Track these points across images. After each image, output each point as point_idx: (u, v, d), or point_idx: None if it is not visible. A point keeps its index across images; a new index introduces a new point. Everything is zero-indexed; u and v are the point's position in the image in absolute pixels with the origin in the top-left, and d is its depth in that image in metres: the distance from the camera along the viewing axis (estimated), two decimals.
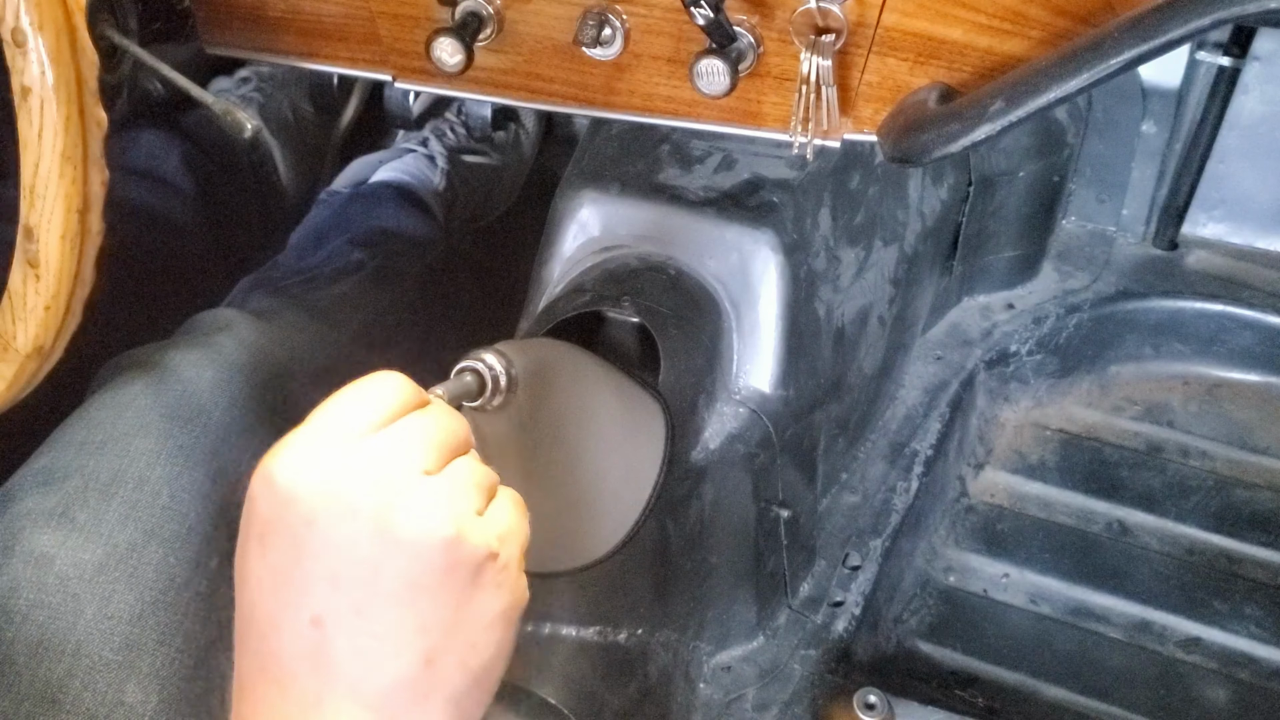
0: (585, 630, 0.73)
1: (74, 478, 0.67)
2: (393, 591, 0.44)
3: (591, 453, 0.66)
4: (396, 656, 0.44)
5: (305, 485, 0.44)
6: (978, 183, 1.07)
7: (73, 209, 0.54)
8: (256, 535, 0.45)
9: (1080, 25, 0.61)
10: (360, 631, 0.44)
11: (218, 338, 0.78)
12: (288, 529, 0.44)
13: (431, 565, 0.44)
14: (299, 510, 0.44)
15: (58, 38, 0.51)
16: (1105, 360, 1.14)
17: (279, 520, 0.44)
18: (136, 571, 0.65)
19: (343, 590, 0.44)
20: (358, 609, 0.44)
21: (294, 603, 0.44)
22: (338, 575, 0.44)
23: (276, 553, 0.44)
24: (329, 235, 1.08)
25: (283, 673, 0.44)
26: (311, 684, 0.44)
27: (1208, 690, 0.92)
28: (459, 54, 0.67)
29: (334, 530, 0.44)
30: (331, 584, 0.44)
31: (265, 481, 0.45)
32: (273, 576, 0.44)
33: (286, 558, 0.44)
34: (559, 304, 0.80)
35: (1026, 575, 0.99)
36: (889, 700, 0.76)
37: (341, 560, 0.44)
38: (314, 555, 0.44)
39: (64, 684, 0.61)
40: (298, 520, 0.44)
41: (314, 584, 0.44)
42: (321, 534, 0.44)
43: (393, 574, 0.44)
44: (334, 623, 0.44)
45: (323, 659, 0.44)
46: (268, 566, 0.44)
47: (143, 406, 0.71)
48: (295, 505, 0.44)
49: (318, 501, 0.44)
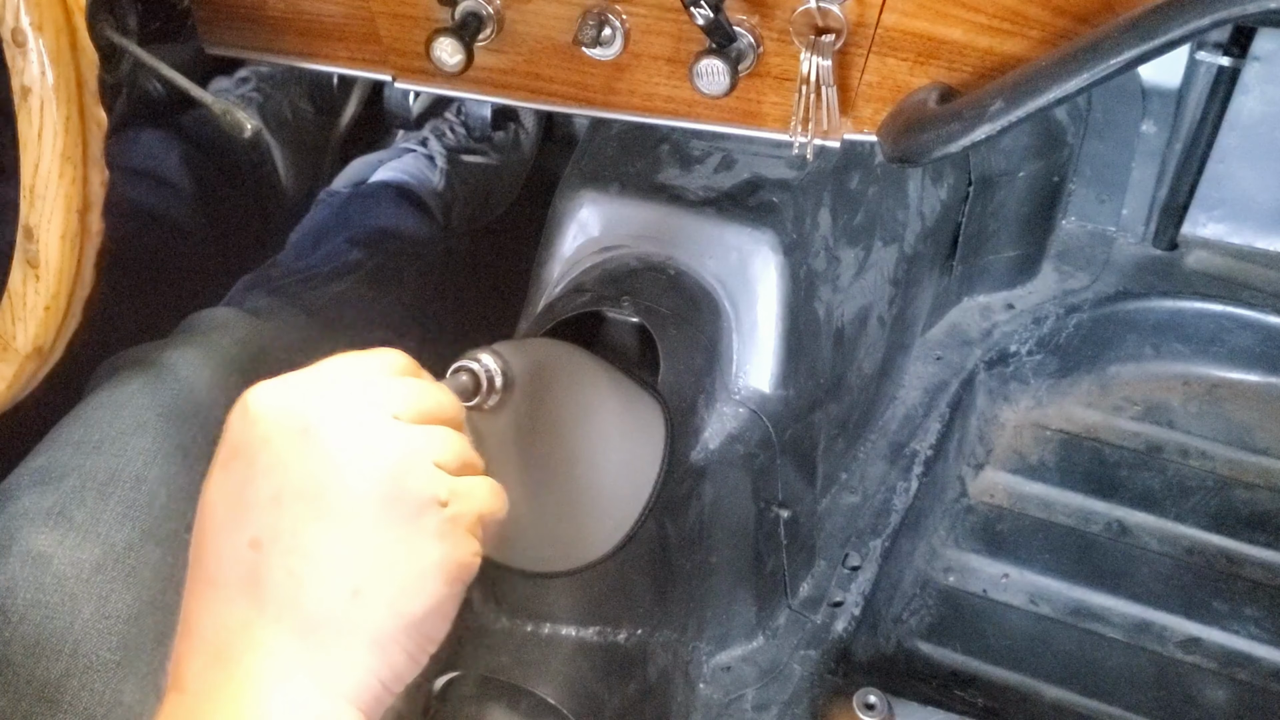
0: (585, 630, 0.73)
1: (71, 477, 0.67)
2: (330, 513, 0.44)
3: (591, 453, 0.66)
4: (323, 582, 0.44)
5: (271, 409, 0.45)
6: (977, 183, 1.07)
7: (73, 209, 0.54)
8: (221, 460, 0.46)
9: (1080, 25, 0.61)
10: (293, 551, 0.44)
11: (215, 336, 0.78)
12: (245, 448, 0.45)
13: (371, 493, 0.44)
14: (259, 430, 0.45)
15: (58, 38, 0.51)
16: (1105, 360, 1.14)
17: (241, 442, 0.45)
18: (134, 571, 0.65)
19: (284, 508, 0.44)
20: (294, 530, 0.44)
21: (238, 523, 0.44)
22: (281, 493, 0.44)
23: (232, 474, 0.45)
24: (328, 235, 1.08)
25: (217, 598, 0.44)
26: (243, 607, 0.44)
27: (1207, 690, 0.92)
28: (459, 54, 0.67)
29: (286, 448, 0.44)
30: (274, 503, 0.44)
31: (240, 408, 0.46)
32: (224, 497, 0.45)
33: (240, 477, 0.45)
34: (559, 304, 0.80)
35: (1026, 575, 0.99)
36: (889, 700, 0.76)
37: (288, 478, 0.44)
38: (264, 473, 0.44)
39: (61, 683, 0.61)
40: (255, 439, 0.45)
41: (259, 504, 0.44)
42: (273, 452, 0.44)
43: (333, 496, 0.44)
44: (270, 543, 0.44)
45: (256, 581, 0.44)
46: (222, 488, 0.45)
47: (140, 405, 0.71)
48: (257, 426, 0.45)
49: (277, 422, 0.45)
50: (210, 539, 0.45)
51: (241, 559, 0.44)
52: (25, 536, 0.64)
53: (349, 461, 0.44)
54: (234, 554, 0.44)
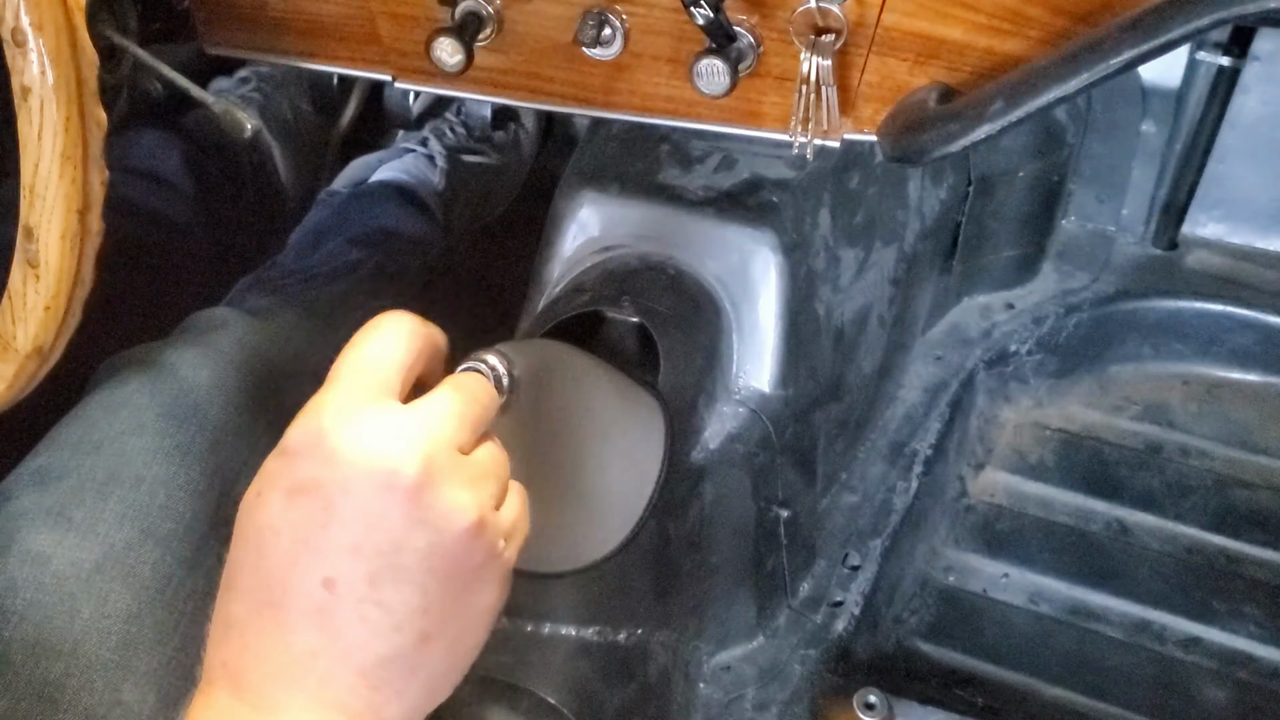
0: (585, 630, 0.73)
1: (70, 477, 0.67)
2: (409, 568, 0.45)
3: (592, 453, 0.66)
4: (397, 630, 0.45)
5: (348, 452, 0.45)
6: (977, 183, 1.07)
7: (73, 209, 0.54)
8: (286, 487, 0.45)
9: (1080, 25, 0.61)
10: (369, 600, 0.45)
11: (214, 336, 0.78)
12: (322, 491, 0.45)
13: (450, 551, 0.46)
14: (338, 475, 0.45)
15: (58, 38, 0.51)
16: (1105, 360, 1.14)
17: (315, 480, 0.45)
18: (133, 571, 0.65)
19: (363, 559, 0.45)
20: (373, 579, 0.45)
21: (311, 560, 0.45)
22: (361, 545, 0.45)
23: (303, 511, 0.45)
24: (328, 235, 1.08)
25: (282, 625, 0.45)
26: (310, 638, 0.45)
27: (1208, 690, 0.92)
28: (459, 54, 0.67)
29: (369, 503, 0.45)
30: (353, 551, 0.45)
31: (309, 437, 0.45)
32: (294, 532, 0.45)
33: (314, 519, 0.45)
34: (559, 304, 0.80)
35: (1026, 575, 0.99)
36: (889, 700, 0.76)
37: (370, 533, 0.45)
38: (342, 523, 0.45)
39: (61, 683, 0.61)
40: (334, 486, 0.45)
41: (336, 549, 0.45)
42: (356, 504, 0.45)
43: (413, 552, 0.45)
44: (346, 588, 0.45)
45: (328, 619, 0.45)
46: (291, 522, 0.45)
47: (139, 405, 0.71)
48: (335, 469, 0.45)
49: (359, 472, 0.45)
50: (275, 564, 0.45)
51: (313, 595, 0.45)
52: (24, 536, 0.64)
53: (430, 524, 0.45)
54: (305, 588, 0.45)
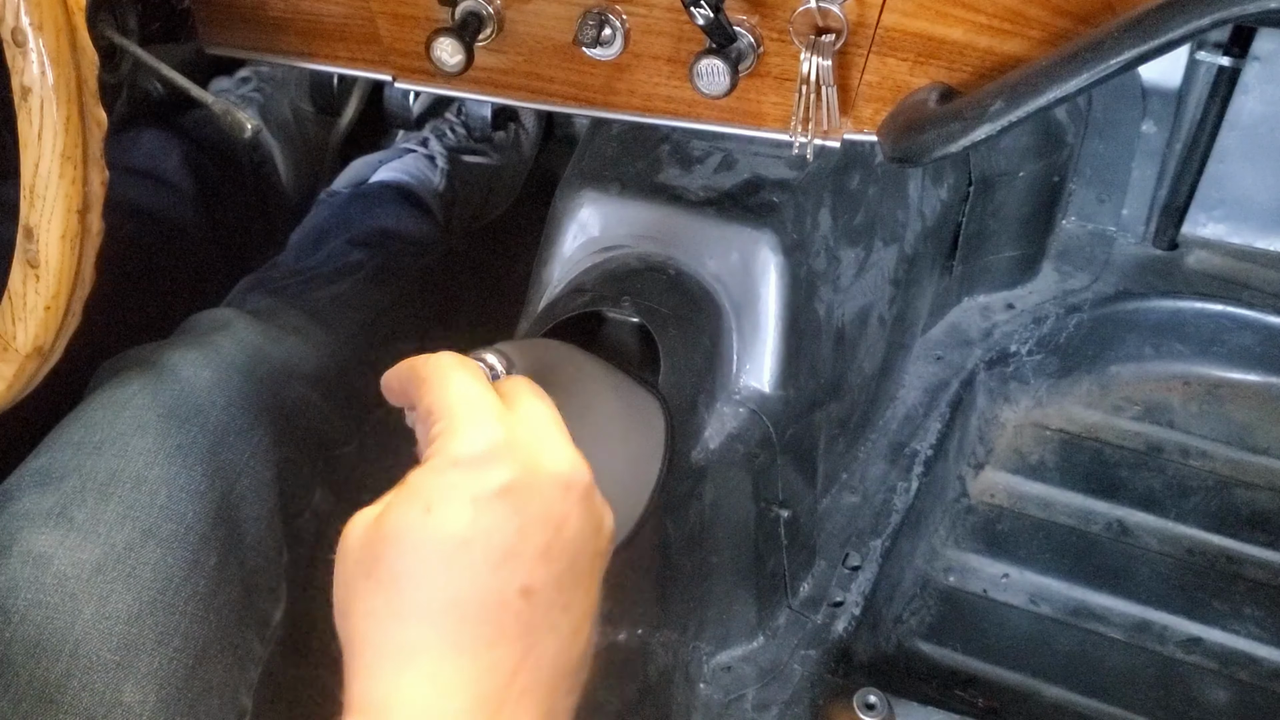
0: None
1: (71, 478, 0.67)
2: (584, 571, 0.46)
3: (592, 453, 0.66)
4: (576, 636, 0.46)
5: (535, 456, 0.46)
6: (978, 183, 1.07)
7: (73, 209, 0.54)
8: (474, 496, 0.45)
9: (1080, 25, 0.60)
10: (558, 605, 0.45)
11: (215, 337, 0.78)
12: (513, 496, 0.45)
13: (604, 553, 0.47)
14: (527, 480, 0.45)
15: (58, 38, 0.51)
16: (1105, 360, 1.14)
17: (506, 486, 0.45)
18: (134, 571, 0.65)
19: (552, 563, 0.45)
20: (561, 585, 0.45)
21: (512, 572, 0.44)
22: (550, 548, 0.45)
23: (496, 518, 0.45)
24: (328, 235, 1.08)
25: (486, 642, 0.44)
26: (514, 656, 0.44)
27: (1208, 690, 0.92)
28: (459, 54, 0.67)
29: (554, 505, 0.45)
30: (545, 556, 0.45)
31: (497, 446, 0.46)
32: (488, 541, 0.44)
33: (508, 525, 0.45)
34: (559, 304, 0.80)
35: (1026, 575, 0.99)
36: (889, 700, 0.76)
37: (556, 534, 0.45)
38: (536, 526, 0.45)
39: (62, 684, 0.61)
40: (524, 490, 0.45)
41: (529, 554, 0.45)
42: (543, 507, 0.45)
43: (586, 554, 0.46)
44: (542, 595, 0.45)
45: (527, 631, 0.44)
46: (484, 530, 0.44)
47: (140, 406, 0.71)
48: (525, 473, 0.45)
49: (546, 474, 0.46)
50: (471, 580, 0.44)
51: (513, 606, 0.44)
52: (26, 537, 0.64)
53: (595, 528, 0.47)
54: (504, 600, 0.44)
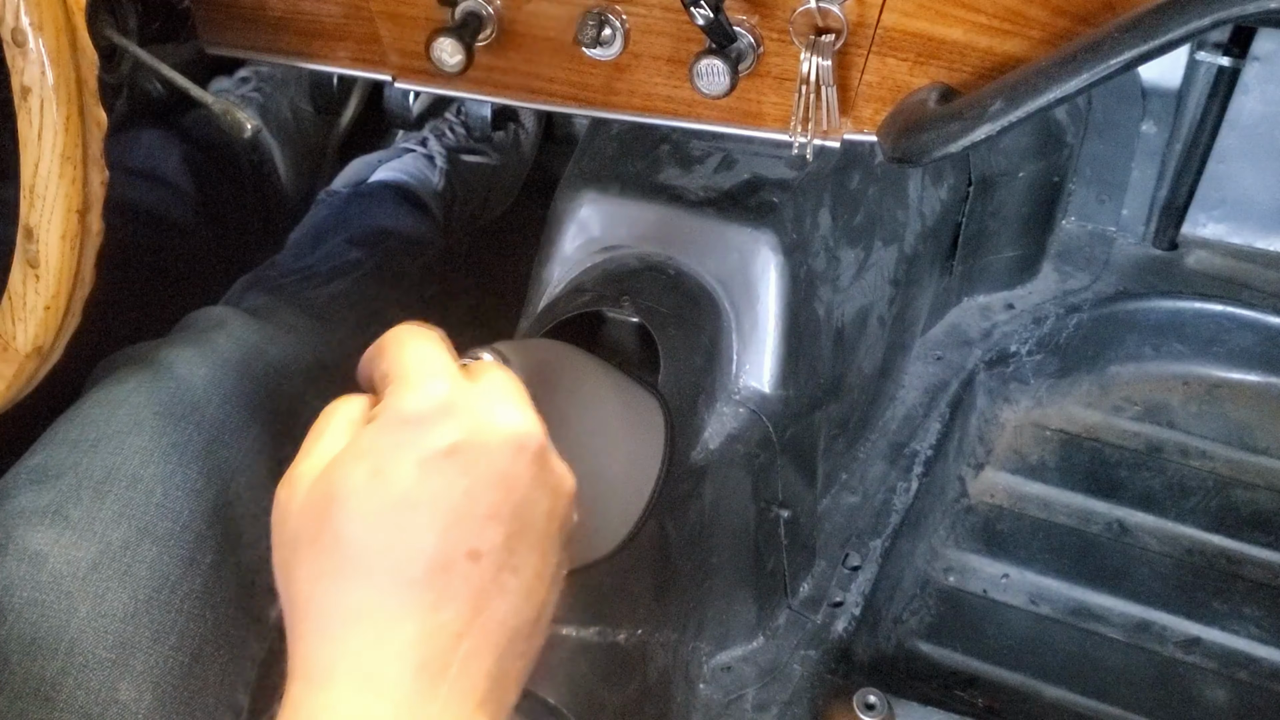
0: (585, 630, 0.73)
1: (67, 476, 0.67)
2: (537, 532, 0.45)
3: (592, 453, 0.66)
4: (527, 599, 0.45)
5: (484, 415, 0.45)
6: (977, 183, 1.07)
7: (73, 209, 0.54)
8: (419, 458, 0.44)
9: (1080, 25, 0.60)
10: (507, 567, 0.44)
11: (212, 335, 0.78)
12: (460, 456, 0.44)
13: (561, 515, 0.46)
14: (476, 439, 0.45)
15: (58, 38, 0.51)
16: (1105, 360, 1.14)
17: (452, 445, 0.44)
18: (130, 569, 0.65)
19: (501, 524, 0.44)
20: (510, 547, 0.44)
21: (458, 533, 0.44)
22: (499, 509, 0.44)
23: (443, 479, 0.44)
24: (327, 235, 1.08)
25: (431, 605, 0.43)
26: (459, 619, 0.43)
27: (1208, 690, 0.92)
28: (459, 54, 0.67)
29: (504, 465, 0.45)
30: (494, 517, 0.44)
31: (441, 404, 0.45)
32: (435, 503, 0.44)
33: (455, 486, 0.44)
34: (559, 304, 0.80)
35: (1026, 575, 0.99)
36: (889, 700, 0.76)
37: (505, 494, 0.44)
38: (483, 487, 0.44)
39: (57, 682, 0.61)
40: (473, 449, 0.44)
41: (477, 516, 0.44)
42: (493, 467, 0.44)
43: (538, 515, 0.45)
44: (490, 557, 0.44)
45: (475, 593, 0.44)
46: (431, 492, 0.44)
47: (136, 404, 0.71)
48: (473, 432, 0.45)
49: (496, 434, 0.45)
50: (418, 541, 0.44)
51: (460, 568, 0.44)
52: (21, 535, 0.64)
53: (549, 485, 0.46)
54: (450, 561, 0.44)
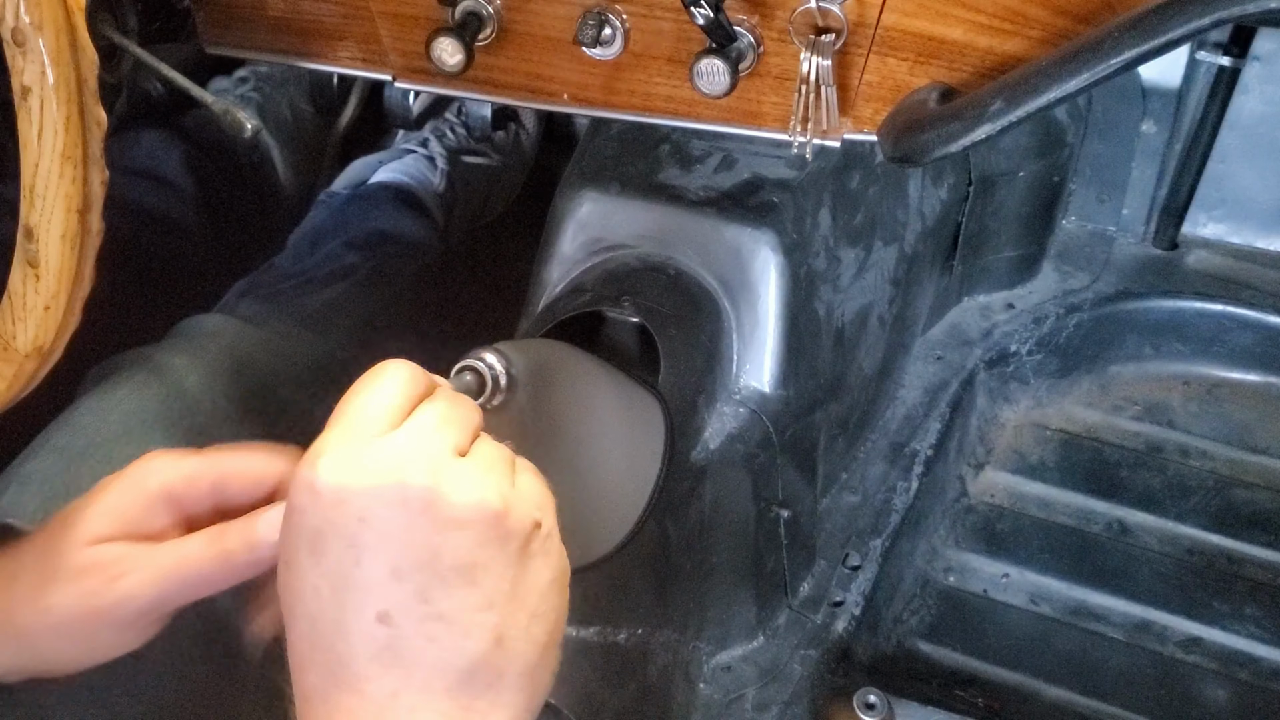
0: (585, 630, 0.73)
1: (57, 483, 0.67)
2: (454, 570, 0.44)
3: (592, 453, 0.66)
4: (466, 636, 0.44)
5: (351, 485, 0.44)
6: (978, 183, 1.07)
7: (73, 209, 0.54)
8: (306, 546, 0.44)
9: (1080, 25, 0.61)
10: (428, 617, 0.43)
11: (205, 342, 0.78)
12: (341, 531, 0.44)
13: (486, 539, 0.44)
14: (350, 510, 0.44)
15: (58, 38, 0.51)
16: (1105, 360, 1.14)
17: (330, 525, 0.44)
18: None
19: (405, 580, 0.43)
20: (423, 596, 0.43)
21: (358, 603, 0.43)
22: (398, 566, 0.43)
23: (331, 558, 0.44)
24: (325, 237, 1.08)
25: (355, 677, 0.44)
26: (387, 682, 0.43)
27: (1208, 690, 0.92)
28: (459, 54, 0.67)
29: (389, 522, 0.43)
30: (394, 576, 0.43)
31: (308, 490, 0.44)
32: (331, 582, 0.44)
33: (344, 560, 0.44)
34: (559, 304, 0.80)
35: (1026, 575, 0.99)
36: (889, 700, 0.76)
37: (400, 550, 0.43)
38: (372, 551, 0.43)
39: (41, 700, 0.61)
40: (350, 520, 0.44)
41: (376, 580, 0.43)
42: (376, 528, 0.44)
43: (451, 554, 0.44)
44: (401, 615, 0.43)
45: (395, 654, 0.43)
46: (324, 573, 0.44)
47: (126, 411, 0.71)
48: (345, 506, 0.44)
49: (367, 498, 0.44)
50: (330, 624, 0.44)
51: (373, 636, 0.43)
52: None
53: (455, 520, 0.44)
54: (362, 631, 0.43)
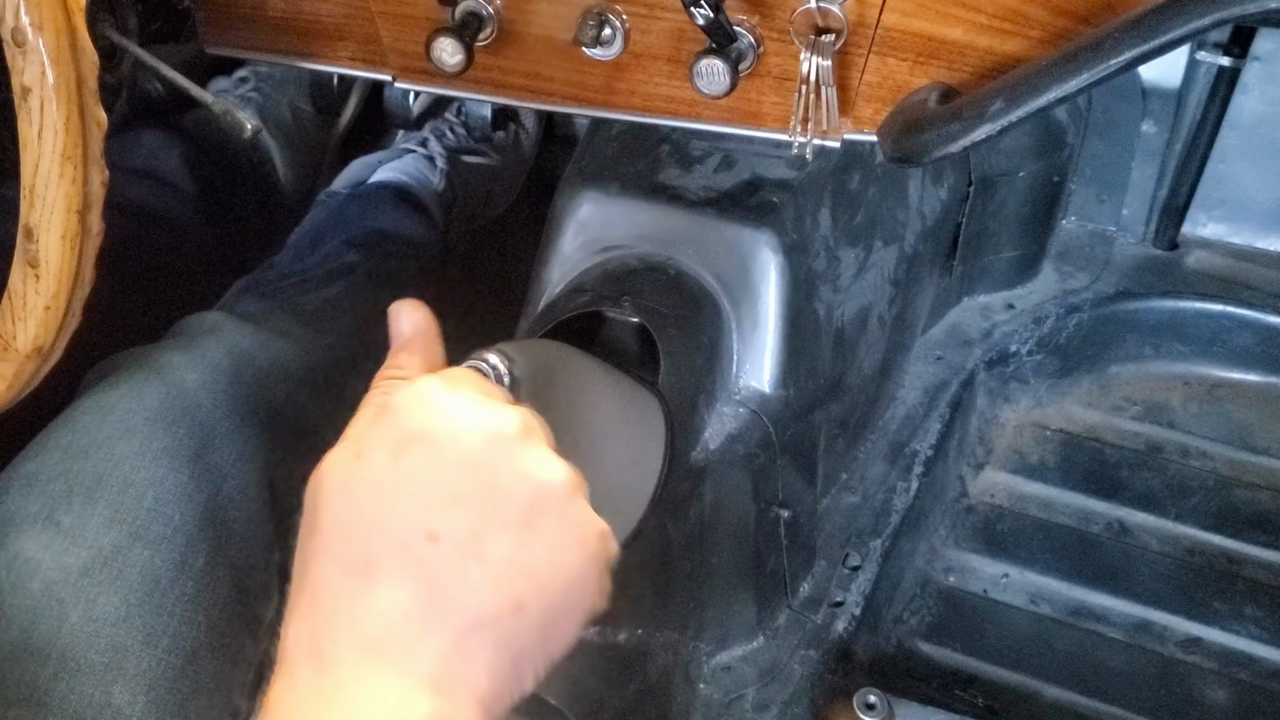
0: (585, 630, 0.73)
1: (58, 481, 0.67)
2: (511, 521, 0.44)
3: (593, 454, 0.66)
4: (495, 588, 0.44)
5: (457, 404, 0.46)
6: (978, 183, 1.07)
7: (73, 209, 0.54)
8: (391, 444, 0.45)
9: (1080, 25, 0.61)
10: (471, 553, 0.44)
11: (204, 341, 0.78)
12: (431, 441, 0.45)
13: (550, 507, 0.45)
14: (447, 424, 0.45)
15: (58, 38, 0.51)
16: (1105, 360, 1.14)
17: (422, 433, 0.45)
18: (121, 574, 0.65)
19: (466, 509, 0.44)
20: (475, 531, 0.44)
21: (416, 511, 0.44)
22: (466, 493, 0.44)
23: (411, 463, 0.45)
24: (325, 236, 1.08)
25: (376, 581, 0.43)
26: (406, 598, 0.43)
27: (1208, 690, 0.92)
28: (459, 54, 0.67)
29: (476, 451, 0.45)
30: (458, 501, 0.44)
31: (414, 393, 0.46)
32: (400, 485, 0.44)
33: (421, 469, 0.44)
34: (559, 304, 0.81)
35: (1026, 575, 0.99)
36: (889, 700, 0.76)
37: (474, 479, 0.44)
38: (451, 469, 0.44)
39: (50, 687, 0.61)
40: (444, 436, 0.45)
41: (442, 498, 0.44)
42: (463, 452, 0.44)
43: (515, 504, 0.44)
44: (449, 540, 0.43)
45: (428, 574, 0.43)
46: (397, 475, 0.44)
47: (127, 410, 0.71)
48: (444, 420, 0.45)
49: (467, 420, 0.45)
50: (376, 519, 0.44)
51: (415, 548, 0.43)
52: (12, 541, 0.64)
53: (531, 476, 0.45)
54: (405, 542, 0.43)
